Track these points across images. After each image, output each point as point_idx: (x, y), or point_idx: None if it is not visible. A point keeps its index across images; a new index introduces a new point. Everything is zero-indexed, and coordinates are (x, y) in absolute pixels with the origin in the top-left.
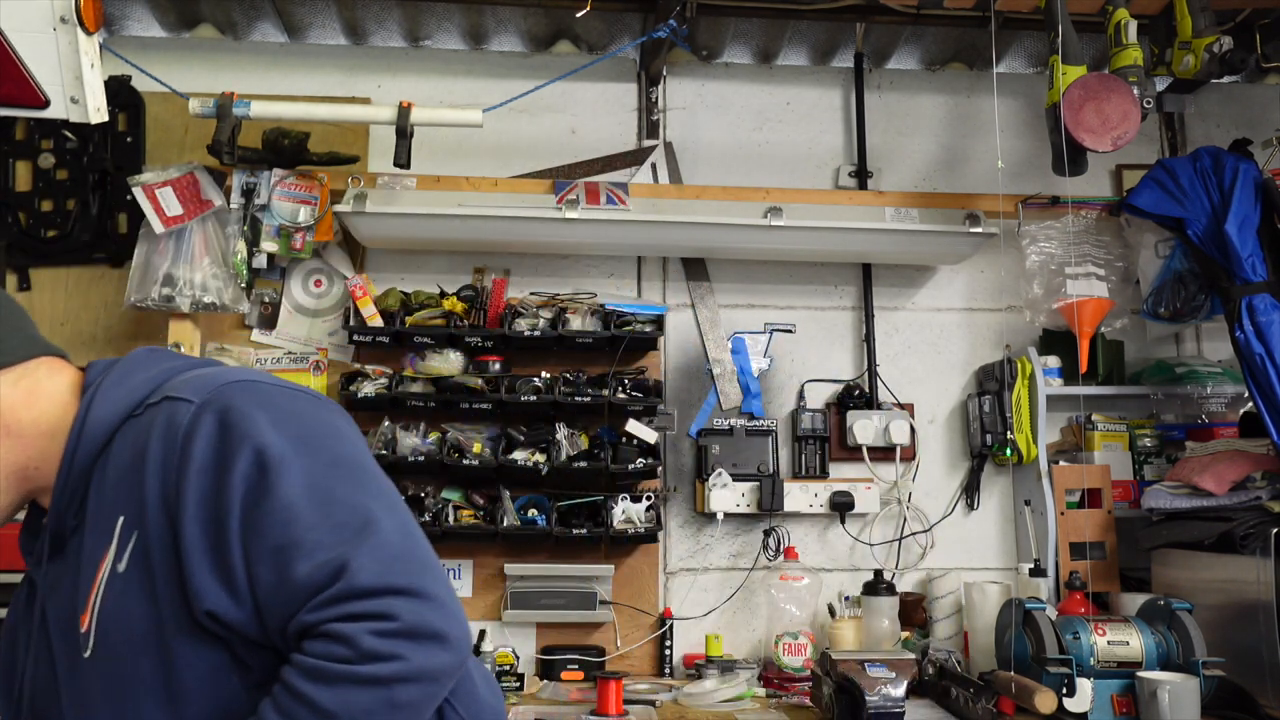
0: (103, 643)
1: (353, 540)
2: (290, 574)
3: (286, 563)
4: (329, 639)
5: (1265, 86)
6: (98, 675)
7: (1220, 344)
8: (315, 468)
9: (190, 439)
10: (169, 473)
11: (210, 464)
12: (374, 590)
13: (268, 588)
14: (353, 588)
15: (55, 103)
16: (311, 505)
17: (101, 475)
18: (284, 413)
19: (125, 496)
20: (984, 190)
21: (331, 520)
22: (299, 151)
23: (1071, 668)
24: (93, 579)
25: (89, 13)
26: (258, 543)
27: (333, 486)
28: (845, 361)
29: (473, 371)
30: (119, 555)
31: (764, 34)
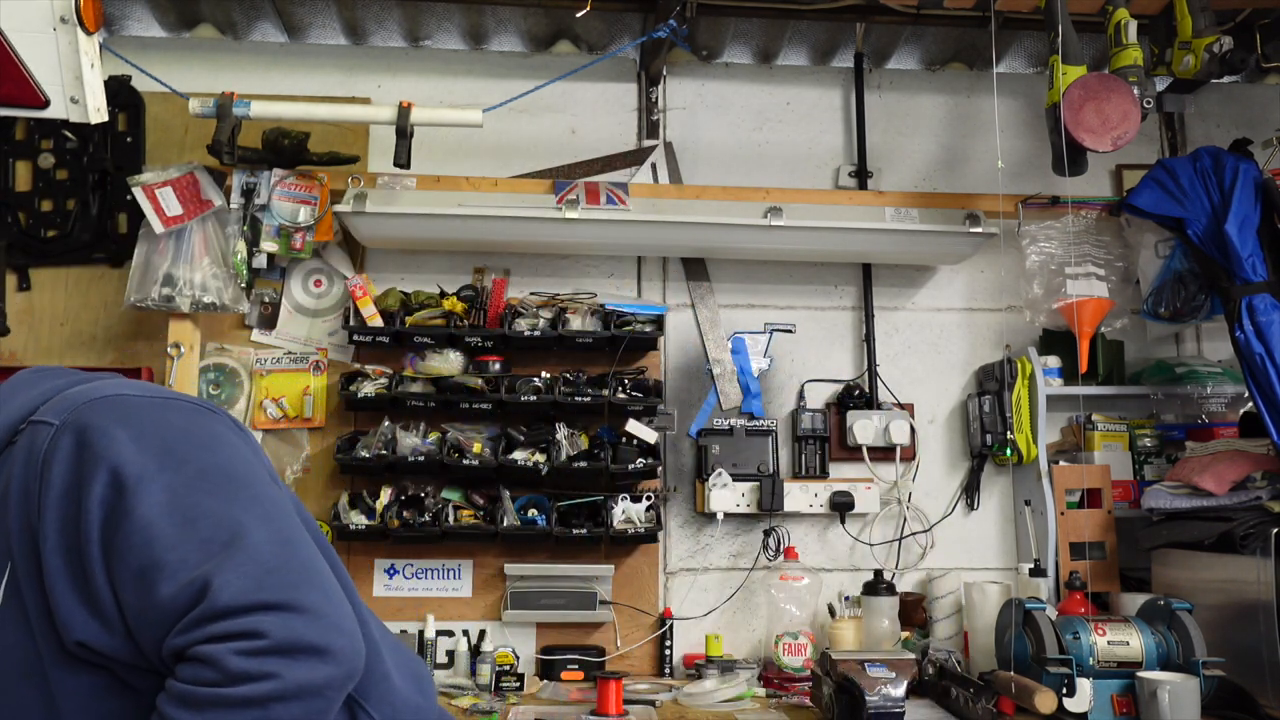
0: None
1: (218, 556)
2: (154, 597)
3: (150, 586)
4: (195, 662)
5: (1265, 86)
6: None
7: (1220, 344)
8: (178, 482)
9: (48, 464)
10: (30, 501)
11: (67, 489)
12: (239, 608)
13: (135, 613)
14: (216, 607)
15: (55, 103)
16: (173, 523)
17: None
18: (148, 426)
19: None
20: (984, 190)
21: (196, 537)
22: (299, 151)
23: (1071, 668)
24: None
25: (89, 13)
26: (120, 567)
27: (198, 501)
28: (845, 361)
29: (473, 371)
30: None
31: (764, 34)
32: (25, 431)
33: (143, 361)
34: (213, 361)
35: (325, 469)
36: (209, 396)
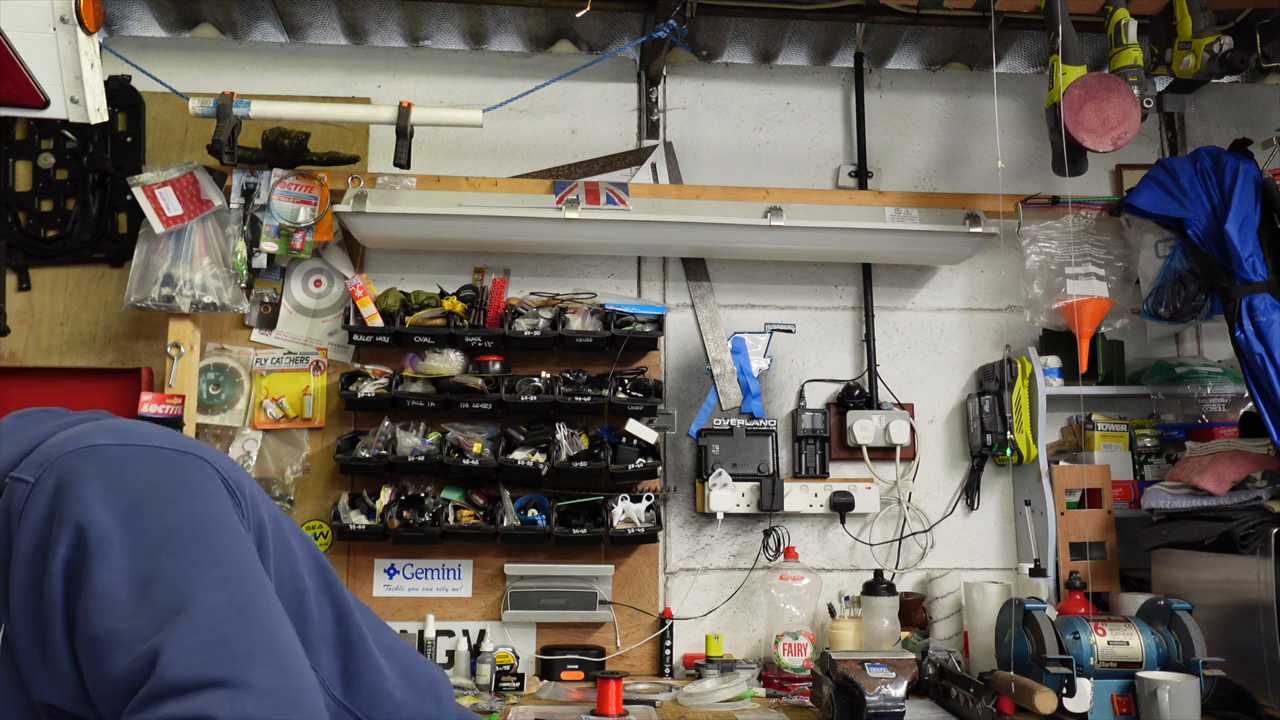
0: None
1: (168, 626)
2: (108, 669)
3: (104, 656)
4: None
5: (1265, 86)
6: None
7: (1220, 344)
8: (140, 544)
9: (20, 524)
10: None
11: (34, 552)
12: (187, 686)
13: (94, 684)
14: (163, 685)
15: (55, 103)
16: (130, 590)
17: None
18: (117, 480)
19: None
20: (984, 190)
21: (149, 605)
22: (299, 151)
23: (1071, 668)
24: None
25: (89, 13)
26: (80, 635)
27: (158, 564)
28: (845, 361)
29: (473, 371)
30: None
31: (764, 34)
32: (6, 487)
33: (143, 361)
34: (213, 361)
35: (325, 469)
36: (209, 396)
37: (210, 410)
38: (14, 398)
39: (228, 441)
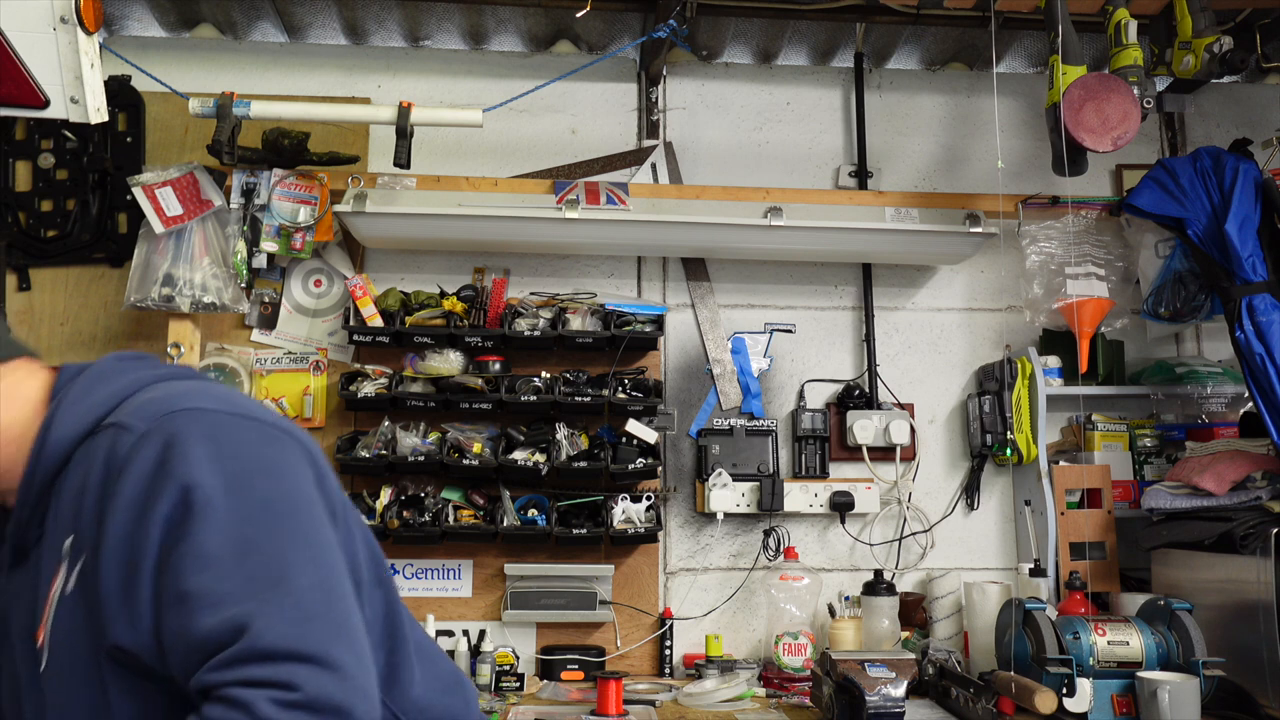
0: (53, 659)
1: (263, 595)
2: (192, 625)
3: (191, 613)
4: (227, 704)
5: (1265, 86)
6: (49, 691)
7: (1220, 344)
8: (242, 510)
9: (123, 472)
10: (101, 504)
11: (136, 501)
12: (277, 654)
13: (172, 636)
14: (254, 649)
15: (55, 103)
16: (228, 553)
17: (59, 493)
18: (225, 446)
19: (72, 520)
20: (984, 190)
21: (245, 571)
22: (299, 151)
23: (1071, 668)
24: (47, 596)
25: (89, 13)
26: (169, 587)
27: (255, 534)
28: (845, 361)
29: (473, 371)
30: (68, 576)
31: (764, 34)
32: (108, 431)
33: None
34: (213, 361)
35: None
36: None
37: None
38: None
39: None
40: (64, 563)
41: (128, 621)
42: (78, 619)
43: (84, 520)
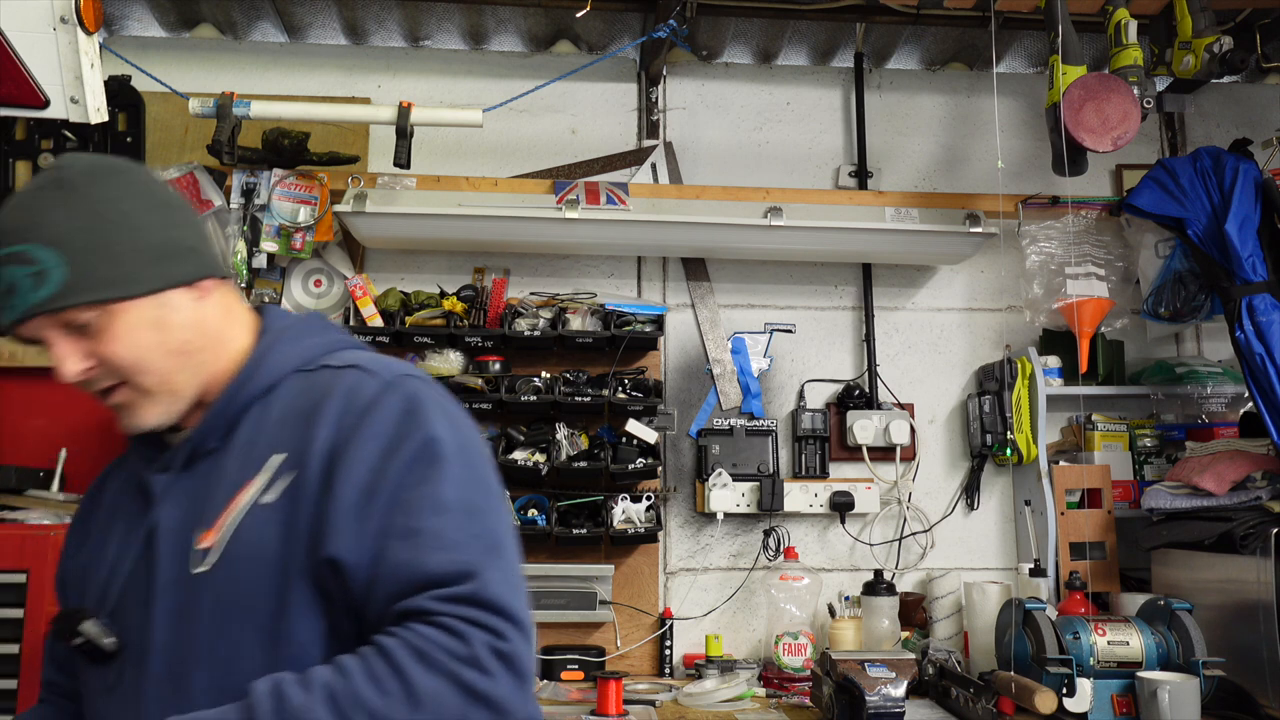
0: (227, 563)
1: (486, 555)
2: (421, 558)
3: (421, 547)
4: (446, 631)
5: (1265, 86)
6: (209, 592)
7: (1220, 344)
8: (469, 477)
9: (371, 409)
10: (342, 431)
11: (385, 436)
12: (498, 607)
13: (392, 564)
14: (481, 596)
15: (55, 103)
16: (459, 508)
17: (262, 413)
18: (454, 419)
19: (288, 438)
20: (984, 190)
21: (471, 529)
22: (299, 151)
23: (1071, 668)
24: (227, 502)
25: (89, 13)
26: (402, 520)
27: (477, 501)
28: (845, 361)
29: (473, 371)
30: (268, 488)
31: (764, 34)
32: (341, 371)
33: None
34: None
35: None
36: None
37: None
38: (14, 398)
39: None
40: (263, 476)
41: (353, 538)
42: (274, 528)
43: (304, 444)
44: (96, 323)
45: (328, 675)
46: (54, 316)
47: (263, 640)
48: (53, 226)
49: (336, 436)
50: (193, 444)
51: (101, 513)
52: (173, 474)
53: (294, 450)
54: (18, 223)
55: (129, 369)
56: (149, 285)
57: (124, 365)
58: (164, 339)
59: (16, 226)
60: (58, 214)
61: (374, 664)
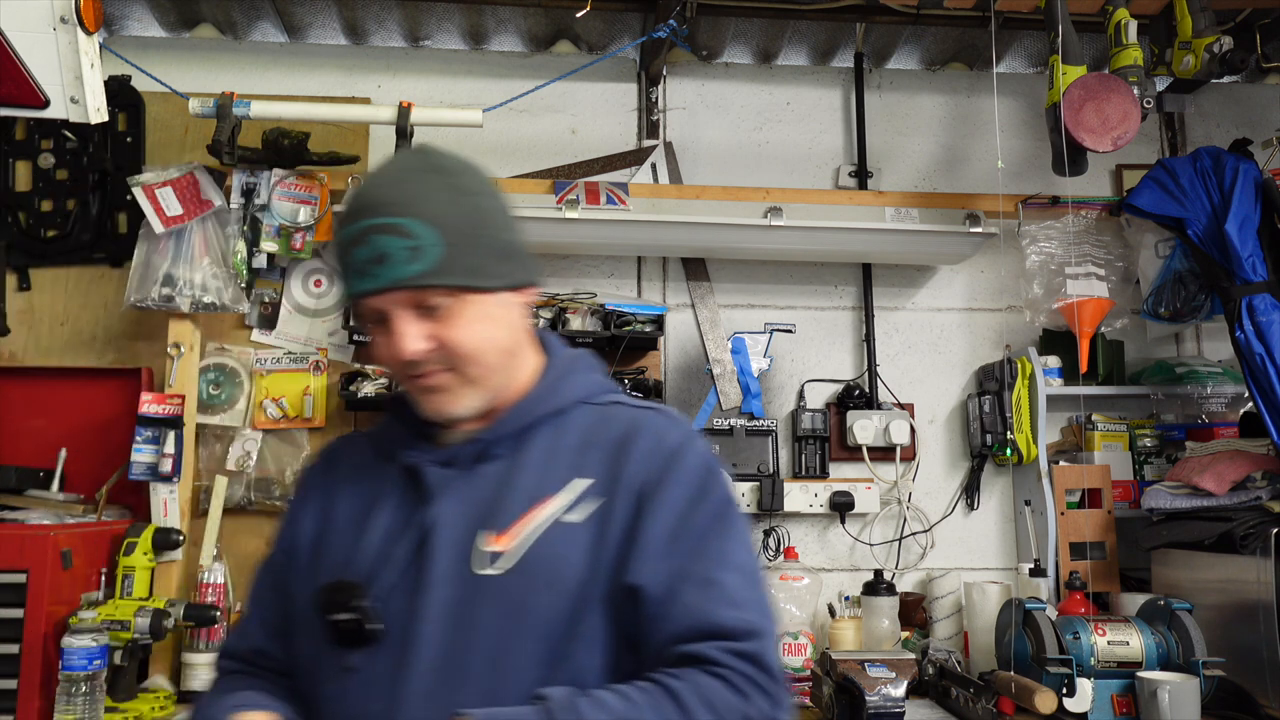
0: (521, 572)
1: (765, 621)
2: (714, 607)
3: (715, 599)
4: (732, 688)
5: (1265, 86)
6: (496, 596)
7: (1220, 344)
8: (748, 543)
9: (679, 456)
10: (653, 471)
11: (691, 486)
12: (774, 674)
13: (685, 606)
14: (763, 659)
15: (55, 103)
16: (744, 566)
17: (555, 433)
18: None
19: (594, 465)
20: (984, 190)
21: (753, 593)
22: (299, 151)
23: (1071, 668)
24: (524, 512)
25: (89, 13)
26: (699, 567)
27: (754, 567)
28: (845, 361)
29: None
30: (571, 508)
31: (764, 34)
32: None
33: (143, 361)
34: (213, 361)
35: None
36: (209, 396)
37: (210, 410)
38: (14, 398)
39: (228, 441)
40: (569, 495)
41: (655, 573)
42: (579, 551)
43: (613, 475)
44: (448, 308)
45: (616, 701)
46: (414, 293)
47: (546, 655)
48: (436, 207)
49: (647, 474)
50: (482, 445)
51: (344, 488)
52: (456, 470)
53: (601, 478)
54: (400, 197)
55: (465, 357)
56: (501, 281)
57: (462, 353)
58: (498, 336)
59: (398, 200)
60: (441, 197)
61: (661, 701)
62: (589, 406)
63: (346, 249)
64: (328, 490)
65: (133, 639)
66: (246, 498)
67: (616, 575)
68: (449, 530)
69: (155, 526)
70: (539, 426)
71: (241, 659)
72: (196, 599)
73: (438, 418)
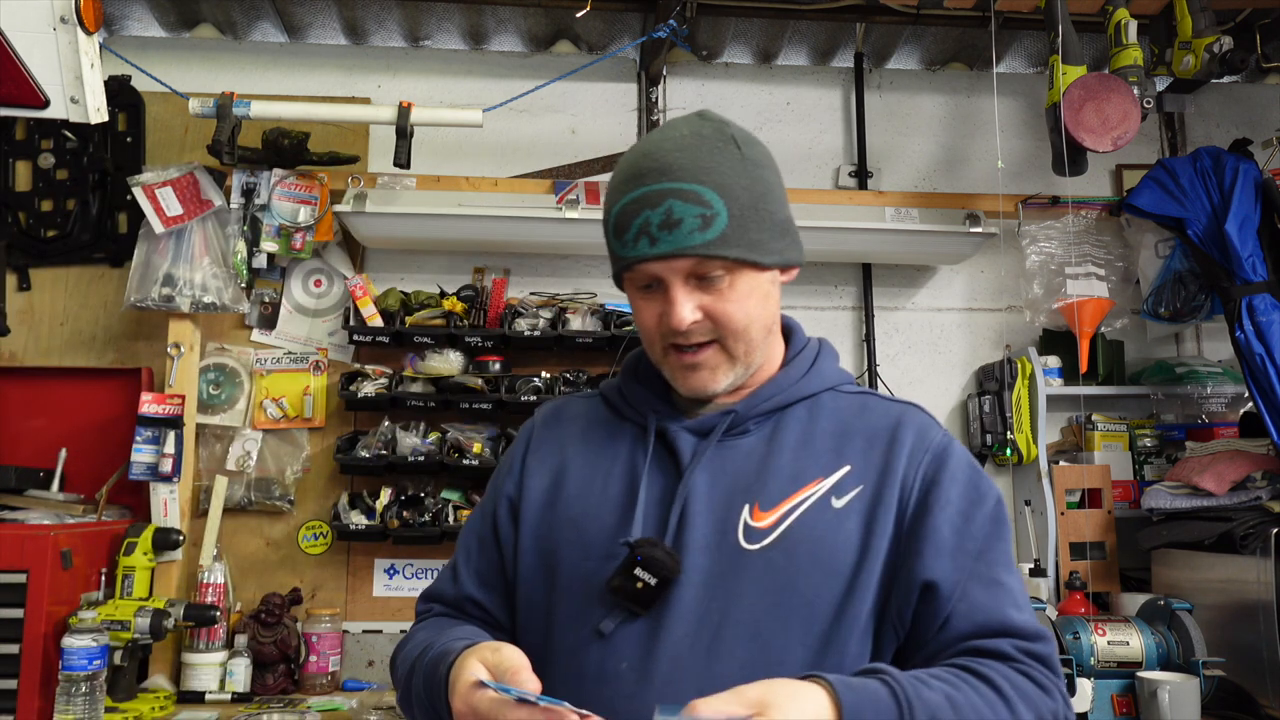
0: (786, 549)
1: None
2: (1005, 608)
3: (1002, 600)
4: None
5: (1265, 86)
6: (760, 570)
7: (1220, 344)
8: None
9: (947, 456)
10: (924, 467)
11: (967, 485)
12: (1060, 676)
13: (976, 603)
14: (1053, 661)
15: (55, 103)
16: (1018, 573)
17: (810, 416)
18: None
19: (855, 454)
20: (984, 190)
21: (1025, 596)
22: (299, 151)
23: (1072, 668)
24: (790, 491)
25: (89, 13)
26: (985, 569)
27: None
28: (845, 361)
29: (473, 371)
30: (836, 493)
31: (764, 34)
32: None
33: (143, 361)
34: (213, 361)
35: (325, 469)
36: (209, 396)
37: (210, 410)
38: (14, 398)
39: (228, 441)
40: (832, 480)
41: (948, 570)
42: (848, 536)
43: (879, 467)
44: (724, 280)
45: (938, 682)
46: (695, 261)
47: (811, 637)
48: (728, 177)
49: (920, 470)
50: (737, 419)
51: (577, 445)
52: (710, 440)
53: (863, 467)
54: (693, 163)
55: (733, 331)
56: (776, 258)
57: (732, 326)
58: (764, 312)
59: (692, 166)
60: (733, 168)
61: (979, 687)
62: (837, 394)
63: (634, 210)
64: (559, 445)
65: (133, 639)
66: (246, 498)
67: (893, 566)
68: (706, 500)
69: (155, 526)
70: (793, 408)
71: (449, 604)
72: (196, 599)
73: (695, 394)
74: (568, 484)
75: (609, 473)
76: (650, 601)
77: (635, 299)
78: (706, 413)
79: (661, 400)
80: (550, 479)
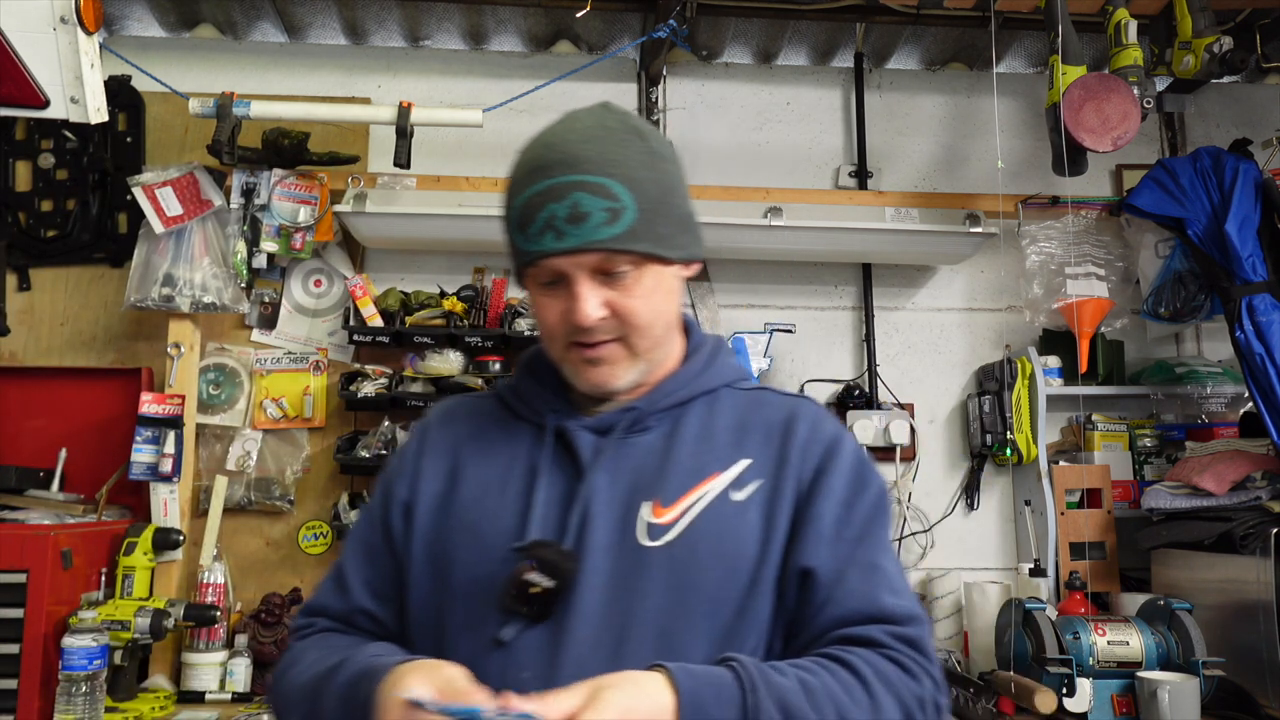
0: (688, 545)
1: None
2: (879, 593)
3: (878, 583)
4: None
5: (1265, 86)
6: (663, 568)
7: (1220, 344)
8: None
9: (837, 448)
10: (816, 459)
11: (853, 474)
12: (933, 659)
13: (850, 589)
14: (924, 646)
15: (55, 103)
16: (896, 556)
17: (708, 412)
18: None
19: (754, 447)
20: (984, 190)
21: (905, 582)
22: (299, 151)
23: (1071, 668)
24: (690, 485)
25: (89, 13)
26: (863, 554)
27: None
28: (845, 361)
29: (473, 371)
30: (736, 487)
31: (764, 34)
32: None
33: (143, 361)
34: (213, 361)
35: (325, 469)
36: (209, 396)
37: (210, 410)
38: (14, 398)
39: (228, 441)
40: (730, 475)
41: (826, 557)
42: (749, 530)
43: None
44: (630, 275)
45: (794, 669)
46: (602, 256)
47: (715, 633)
48: (635, 170)
49: (811, 461)
50: (637, 416)
51: (472, 445)
52: (610, 439)
53: (761, 460)
54: (601, 155)
55: (637, 327)
56: (681, 253)
57: (636, 322)
58: (667, 308)
59: (600, 159)
60: (640, 161)
61: (838, 673)
62: (735, 390)
63: (538, 203)
64: (453, 447)
65: (133, 639)
66: (246, 498)
67: (787, 558)
68: (607, 499)
69: (155, 526)
70: (692, 403)
71: (336, 617)
72: (196, 599)
73: (596, 390)
74: (462, 487)
75: (506, 474)
76: (548, 606)
77: (537, 295)
78: (606, 410)
79: (559, 398)
80: (444, 482)
